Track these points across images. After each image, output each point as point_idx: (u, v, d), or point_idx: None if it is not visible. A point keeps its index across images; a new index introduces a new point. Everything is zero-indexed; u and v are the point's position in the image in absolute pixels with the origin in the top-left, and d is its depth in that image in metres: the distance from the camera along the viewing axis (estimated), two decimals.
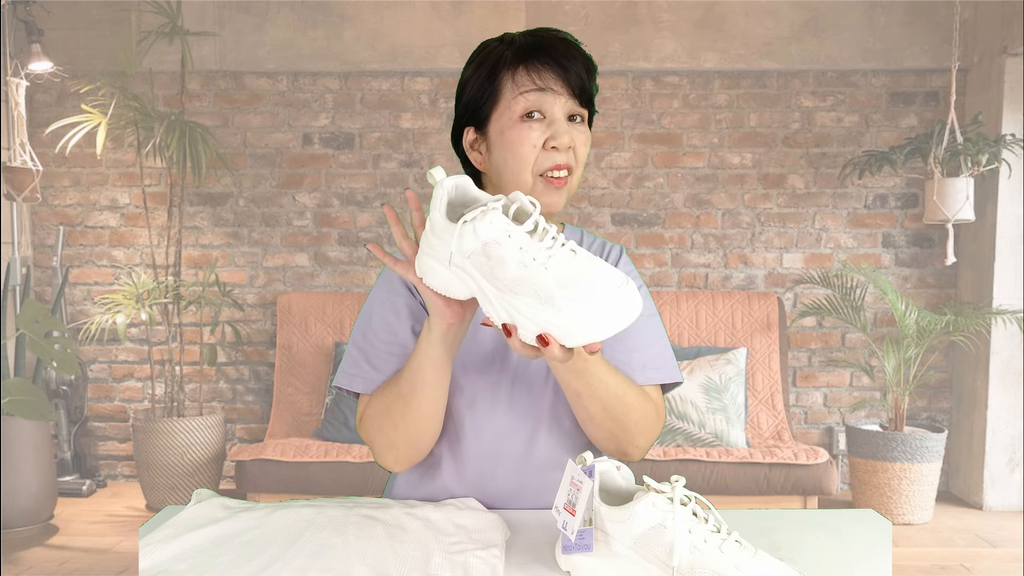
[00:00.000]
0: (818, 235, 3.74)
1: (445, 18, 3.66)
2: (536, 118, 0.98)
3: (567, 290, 0.74)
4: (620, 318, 0.74)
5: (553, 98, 0.98)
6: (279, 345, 3.56)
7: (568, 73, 0.98)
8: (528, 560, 0.85)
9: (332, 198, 3.77)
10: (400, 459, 1.02)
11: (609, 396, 0.94)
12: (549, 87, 0.98)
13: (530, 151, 0.98)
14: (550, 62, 0.98)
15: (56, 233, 3.71)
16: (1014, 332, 3.39)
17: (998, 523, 3.29)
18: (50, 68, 3.44)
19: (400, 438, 0.99)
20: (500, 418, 1.05)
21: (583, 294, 0.74)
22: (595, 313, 0.74)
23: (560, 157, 0.98)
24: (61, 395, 3.60)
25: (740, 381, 3.24)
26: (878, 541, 0.91)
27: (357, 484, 2.95)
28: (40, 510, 3.11)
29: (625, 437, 0.99)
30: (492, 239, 0.76)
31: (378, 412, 1.00)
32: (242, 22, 3.67)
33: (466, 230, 0.77)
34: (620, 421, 0.97)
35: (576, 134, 1.00)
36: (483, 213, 0.77)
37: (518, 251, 0.76)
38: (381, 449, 1.01)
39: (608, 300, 0.74)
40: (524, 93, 0.98)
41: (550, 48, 0.99)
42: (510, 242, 0.76)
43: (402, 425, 0.98)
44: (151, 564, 0.82)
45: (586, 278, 0.74)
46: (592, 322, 0.74)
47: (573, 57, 0.99)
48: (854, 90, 3.70)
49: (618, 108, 3.72)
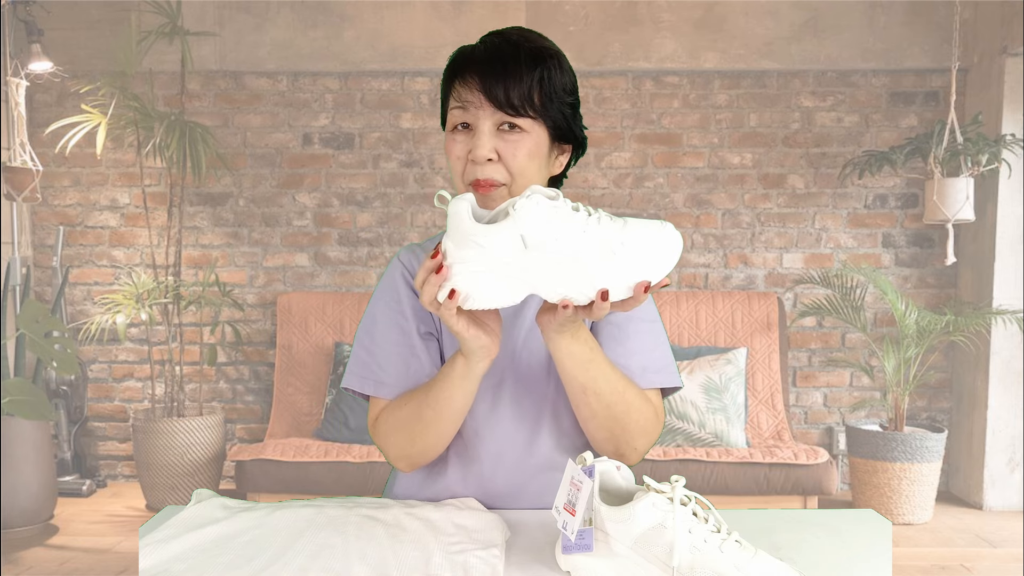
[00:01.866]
0: (818, 235, 3.74)
1: (445, 18, 3.66)
2: (467, 130, 0.99)
3: (625, 238, 0.79)
4: (672, 251, 0.81)
5: (477, 112, 0.98)
6: (279, 345, 3.56)
7: (487, 85, 0.96)
8: (528, 560, 0.85)
9: (332, 198, 3.77)
10: (412, 466, 1.05)
11: (611, 392, 0.95)
12: (467, 101, 0.98)
13: (456, 162, 1.01)
14: (473, 75, 0.98)
15: (56, 233, 3.71)
16: (1014, 332, 3.39)
17: (998, 523, 3.29)
18: (50, 68, 3.44)
19: (416, 452, 1.02)
20: (502, 418, 1.05)
21: (638, 237, 0.80)
22: (653, 250, 0.80)
23: (479, 171, 0.98)
24: (61, 395, 3.60)
25: (740, 381, 3.24)
26: (878, 541, 0.91)
27: (357, 484, 2.95)
28: (40, 510, 3.11)
29: (624, 438, 0.99)
30: (547, 217, 0.78)
31: (394, 427, 1.02)
32: (242, 22, 3.67)
33: (525, 215, 0.78)
34: (620, 420, 0.97)
35: (503, 144, 0.98)
36: (526, 199, 0.79)
37: (571, 221, 0.79)
38: (394, 457, 1.04)
39: (658, 237, 0.80)
40: (452, 109, 1.01)
41: (478, 60, 0.98)
42: (561, 215, 0.79)
43: (420, 442, 1.01)
44: (151, 564, 0.82)
45: (632, 227, 0.80)
46: (652, 259, 0.80)
47: (498, 66, 0.97)
48: (854, 90, 3.70)
49: (618, 108, 3.72)
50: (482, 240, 0.79)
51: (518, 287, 0.82)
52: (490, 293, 0.82)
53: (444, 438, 1.01)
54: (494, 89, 0.96)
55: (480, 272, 0.81)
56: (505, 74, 0.96)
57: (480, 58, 0.98)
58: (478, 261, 0.80)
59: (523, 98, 0.97)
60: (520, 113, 0.97)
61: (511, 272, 0.80)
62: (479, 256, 0.80)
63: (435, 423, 0.98)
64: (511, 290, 0.82)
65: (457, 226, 0.80)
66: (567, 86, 1.01)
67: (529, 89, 0.97)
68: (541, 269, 0.80)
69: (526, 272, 0.80)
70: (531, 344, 1.06)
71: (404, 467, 1.05)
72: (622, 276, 0.80)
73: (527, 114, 0.98)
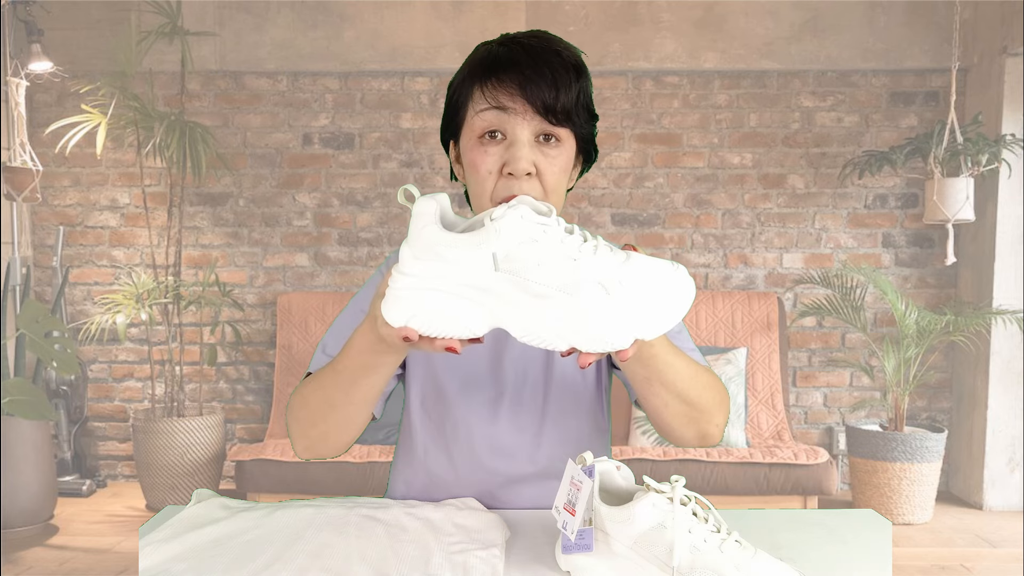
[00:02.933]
0: (818, 235, 3.74)
1: (445, 18, 3.66)
2: (497, 139, 0.89)
3: (624, 276, 0.65)
4: (681, 301, 0.68)
5: (513, 118, 0.88)
6: (279, 345, 3.56)
7: (528, 89, 0.87)
8: (528, 560, 0.85)
9: (332, 198, 3.77)
10: (309, 450, 0.95)
11: (680, 378, 0.87)
12: (507, 106, 0.88)
13: (486, 177, 0.89)
14: (511, 78, 0.87)
15: (56, 233, 3.71)
16: (1014, 332, 3.39)
17: (998, 523, 3.29)
18: (50, 68, 3.44)
19: (314, 435, 0.93)
20: (500, 434, 1.04)
21: (641, 277, 0.65)
22: (657, 297, 0.66)
23: (516, 186, 0.88)
24: (61, 395, 3.60)
25: (740, 381, 3.24)
26: (878, 541, 0.91)
27: (357, 484, 2.95)
28: (40, 510, 3.11)
29: (704, 418, 0.92)
30: (530, 238, 0.65)
31: (299, 406, 0.93)
32: (242, 22, 3.67)
33: (502, 229, 0.65)
34: (695, 403, 0.89)
35: (542, 157, 0.89)
36: (509, 208, 0.66)
37: (560, 244, 0.65)
38: (294, 436, 0.96)
39: (667, 281, 0.67)
40: (481, 112, 0.89)
41: (513, 62, 0.88)
42: (550, 237, 0.65)
43: (319, 427, 0.92)
44: (151, 564, 0.82)
45: (636, 264, 0.66)
46: (654, 307, 0.66)
47: (539, 70, 0.87)
48: (854, 90, 3.70)
49: (618, 108, 3.72)
50: (446, 252, 0.65)
51: (481, 318, 0.67)
52: (444, 320, 0.67)
53: (347, 428, 0.91)
54: (539, 94, 0.87)
55: (437, 292, 0.67)
56: (554, 79, 0.87)
57: (522, 61, 0.88)
58: (437, 278, 0.66)
59: (567, 107, 0.88)
60: (561, 123, 0.89)
61: (476, 298, 0.66)
62: (440, 272, 0.66)
63: (346, 407, 0.88)
64: (471, 320, 0.67)
65: (419, 232, 0.66)
66: (591, 97, 0.95)
67: (573, 97, 0.89)
68: (513, 300, 0.66)
69: (496, 301, 0.66)
70: (528, 352, 1.04)
71: (304, 453, 0.95)
72: (613, 323, 0.65)
73: (567, 123, 0.89)
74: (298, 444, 0.95)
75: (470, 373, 1.05)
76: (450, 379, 1.05)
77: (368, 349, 0.79)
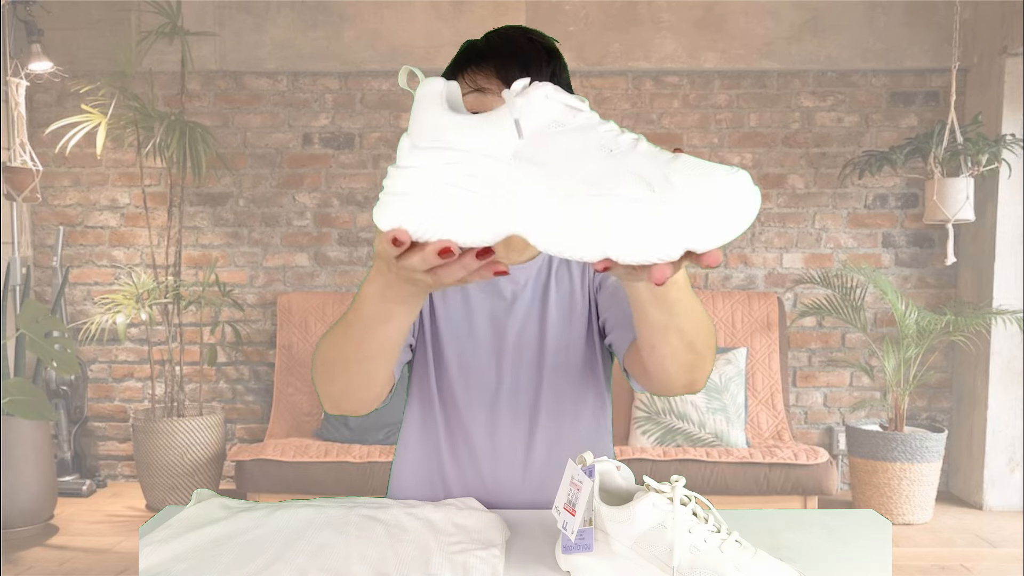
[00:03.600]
0: (818, 235, 3.74)
1: (445, 18, 3.66)
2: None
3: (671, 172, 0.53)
4: (743, 208, 0.53)
5: (490, 97, 0.97)
6: (279, 345, 3.56)
7: (511, 72, 0.96)
8: (528, 560, 0.85)
9: (332, 198, 3.77)
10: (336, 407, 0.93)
11: (692, 324, 0.82)
12: (487, 88, 0.97)
13: None
14: (489, 65, 0.97)
15: (56, 233, 3.71)
16: (1014, 332, 3.39)
17: (998, 523, 3.29)
18: (50, 68, 3.44)
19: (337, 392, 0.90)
20: (500, 416, 1.06)
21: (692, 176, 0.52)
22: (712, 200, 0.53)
23: None
24: (61, 395, 3.60)
25: (740, 381, 3.24)
26: (878, 541, 0.91)
27: (357, 484, 2.95)
28: (40, 510, 3.11)
29: (700, 365, 0.88)
30: (554, 119, 0.54)
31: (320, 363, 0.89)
32: (242, 22, 3.67)
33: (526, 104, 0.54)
34: (699, 350, 0.86)
35: None
36: (535, 85, 0.55)
37: (593, 132, 0.54)
38: (321, 395, 0.92)
39: (725, 183, 0.53)
40: (465, 95, 0.98)
41: (490, 52, 0.98)
42: (580, 122, 0.54)
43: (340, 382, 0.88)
44: (151, 564, 0.82)
45: (685, 162, 0.54)
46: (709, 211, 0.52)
47: (513, 57, 0.97)
48: (854, 90, 3.70)
49: (618, 108, 3.72)
50: (454, 137, 0.54)
51: (497, 218, 0.54)
52: (446, 221, 0.54)
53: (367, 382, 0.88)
54: (513, 74, 0.96)
55: (438, 183, 0.54)
56: (525, 63, 0.97)
57: (497, 47, 0.98)
58: (442, 168, 0.55)
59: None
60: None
61: (489, 194, 0.54)
62: (446, 161, 0.55)
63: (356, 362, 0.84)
64: (485, 220, 0.54)
65: (422, 115, 0.55)
66: (568, 85, 1.03)
67: (547, 79, 0.97)
68: (535, 197, 0.53)
69: (513, 198, 0.53)
70: (524, 338, 1.06)
71: (332, 410, 0.92)
72: (659, 227, 0.52)
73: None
74: (325, 402, 0.93)
75: (470, 365, 1.06)
76: (450, 372, 1.06)
77: (378, 295, 0.73)
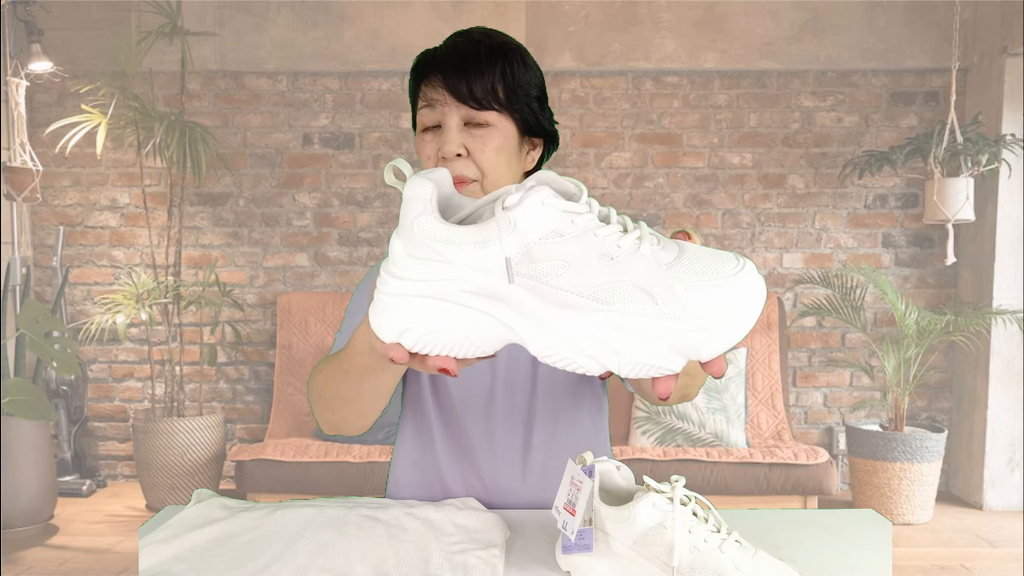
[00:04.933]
0: (818, 235, 3.74)
1: (445, 18, 3.66)
2: (433, 130, 0.99)
3: (679, 280, 0.50)
4: (754, 304, 0.52)
5: (443, 109, 0.97)
6: (279, 345, 3.56)
7: (450, 81, 0.96)
8: (528, 560, 0.85)
9: (332, 198, 3.77)
10: (332, 429, 0.97)
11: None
12: (434, 99, 0.98)
13: (427, 163, 1.00)
14: (436, 74, 0.97)
15: (56, 233, 3.71)
16: (1014, 332, 3.39)
17: (998, 523, 3.29)
18: (50, 68, 3.44)
19: (334, 419, 0.94)
20: (496, 426, 1.06)
21: (705, 275, 0.51)
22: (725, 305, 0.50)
23: (450, 167, 0.96)
24: (61, 395, 3.60)
25: (740, 381, 3.23)
26: (878, 541, 0.91)
27: (357, 484, 2.95)
28: (40, 510, 3.11)
29: (694, 382, 0.92)
30: (551, 229, 0.50)
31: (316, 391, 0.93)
32: (242, 22, 3.67)
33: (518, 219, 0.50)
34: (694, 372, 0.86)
35: (471, 139, 0.97)
36: (528, 192, 0.51)
37: (593, 238, 0.51)
38: (317, 417, 0.97)
39: (738, 278, 0.52)
40: (420, 110, 1.00)
41: (439, 60, 0.98)
42: (578, 228, 0.51)
43: (336, 414, 0.93)
44: (151, 564, 0.82)
45: (692, 258, 0.52)
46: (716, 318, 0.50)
47: (459, 62, 0.97)
48: (854, 90, 3.70)
49: (618, 108, 3.72)
50: (446, 250, 0.52)
51: (495, 333, 0.53)
52: (444, 337, 0.54)
53: (361, 416, 0.92)
54: (457, 85, 0.96)
55: (436, 300, 0.53)
56: (467, 69, 0.96)
57: (442, 57, 0.98)
58: (436, 283, 0.52)
59: (486, 91, 0.96)
60: (484, 106, 0.96)
61: (486, 308, 0.52)
62: (440, 275, 0.52)
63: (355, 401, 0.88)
64: (484, 335, 0.54)
65: (412, 223, 0.53)
66: (532, 79, 1.01)
67: (492, 83, 0.96)
68: (533, 311, 0.51)
69: (511, 312, 0.52)
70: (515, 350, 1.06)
71: (328, 431, 0.97)
72: (661, 344, 0.50)
73: (491, 107, 0.97)
74: (323, 426, 0.98)
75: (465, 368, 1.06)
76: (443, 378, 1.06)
77: (368, 351, 0.75)
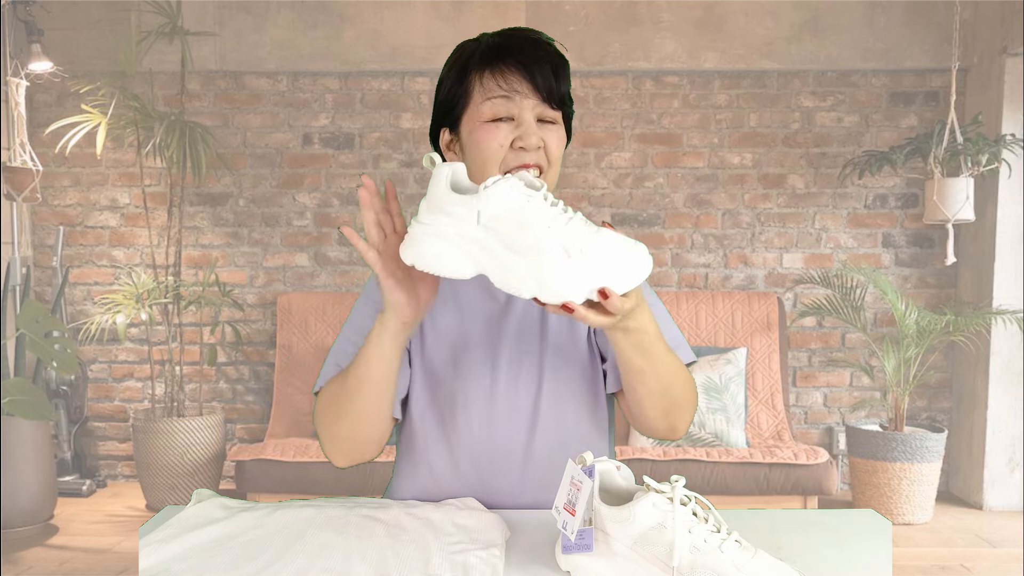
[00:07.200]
0: (818, 235, 3.74)
1: (445, 18, 3.66)
2: (504, 120, 1.00)
3: (586, 245, 0.79)
4: (635, 271, 0.80)
5: (521, 101, 0.99)
6: (279, 345, 3.56)
7: (535, 76, 0.98)
8: (528, 560, 0.85)
9: (332, 198, 3.77)
10: (342, 453, 1.02)
11: (668, 372, 0.94)
12: (515, 91, 0.98)
13: (497, 150, 0.99)
14: (516, 65, 0.99)
15: (56, 233, 3.71)
16: (1014, 332, 3.39)
17: (998, 523, 3.29)
18: (50, 68, 3.44)
19: (342, 433, 0.99)
20: (499, 416, 1.06)
21: (603, 248, 0.79)
22: (615, 264, 0.79)
23: (529, 157, 0.99)
24: (61, 395, 3.60)
25: (740, 381, 3.23)
26: (878, 541, 0.91)
27: (357, 484, 2.95)
28: (40, 510, 3.11)
29: (677, 412, 0.99)
30: (516, 204, 0.80)
31: (324, 404, 1.00)
32: (242, 22, 3.67)
33: (490, 194, 0.80)
34: (675, 397, 0.97)
35: (547, 134, 1.00)
36: (503, 179, 0.81)
37: (539, 214, 0.80)
38: (325, 441, 1.01)
39: (626, 253, 0.79)
40: (491, 99, 0.99)
41: (517, 51, 0.99)
42: (531, 205, 0.80)
43: (345, 420, 0.98)
44: (151, 564, 0.82)
45: (603, 237, 0.80)
46: (611, 272, 0.79)
47: (540, 59, 0.99)
48: (854, 90, 3.70)
49: (618, 108, 3.72)
50: (449, 207, 0.81)
51: (467, 263, 0.83)
52: (438, 258, 0.83)
53: (367, 418, 0.98)
54: (541, 80, 0.98)
55: (440, 238, 0.82)
56: (553, 67, 1.00)
57: (518, 49, 1.00)
58: (441, 226, 0.82)
59: (559, 91, 1.01)
60: (558, 107, 1.01)
61: (467, 247, 0.82)
62: (444, 222, 0.82)
63: (357, 394, 0.95)
64: (459, 262, 0.83)
65: (434, 190, 0.83)
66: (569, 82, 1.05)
67: (561, 83, 1.01)
68: (494, 252, 0.81)
69: (481, 251, 0.82)
70: (523, 339, 1.07)
71: (334, 454, 1.02)
72: (573, 281, 0.79)
73: (558, 106, 1.01)
74: (337, 460, 1.03)
75: (466, 360, 1.07)
76: (443, 376, 1.07)
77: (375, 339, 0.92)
